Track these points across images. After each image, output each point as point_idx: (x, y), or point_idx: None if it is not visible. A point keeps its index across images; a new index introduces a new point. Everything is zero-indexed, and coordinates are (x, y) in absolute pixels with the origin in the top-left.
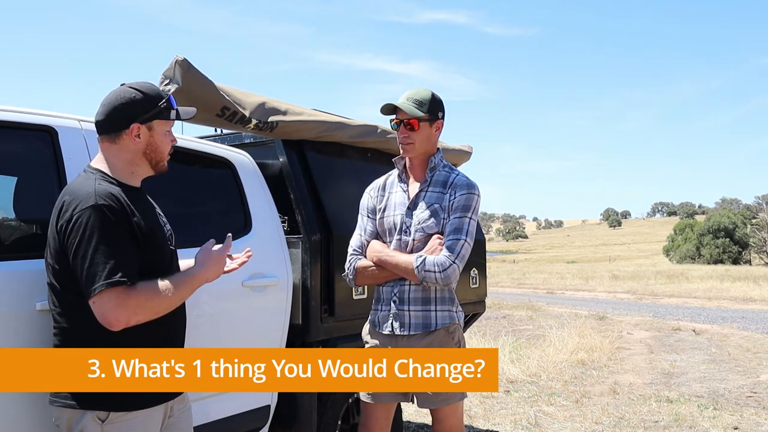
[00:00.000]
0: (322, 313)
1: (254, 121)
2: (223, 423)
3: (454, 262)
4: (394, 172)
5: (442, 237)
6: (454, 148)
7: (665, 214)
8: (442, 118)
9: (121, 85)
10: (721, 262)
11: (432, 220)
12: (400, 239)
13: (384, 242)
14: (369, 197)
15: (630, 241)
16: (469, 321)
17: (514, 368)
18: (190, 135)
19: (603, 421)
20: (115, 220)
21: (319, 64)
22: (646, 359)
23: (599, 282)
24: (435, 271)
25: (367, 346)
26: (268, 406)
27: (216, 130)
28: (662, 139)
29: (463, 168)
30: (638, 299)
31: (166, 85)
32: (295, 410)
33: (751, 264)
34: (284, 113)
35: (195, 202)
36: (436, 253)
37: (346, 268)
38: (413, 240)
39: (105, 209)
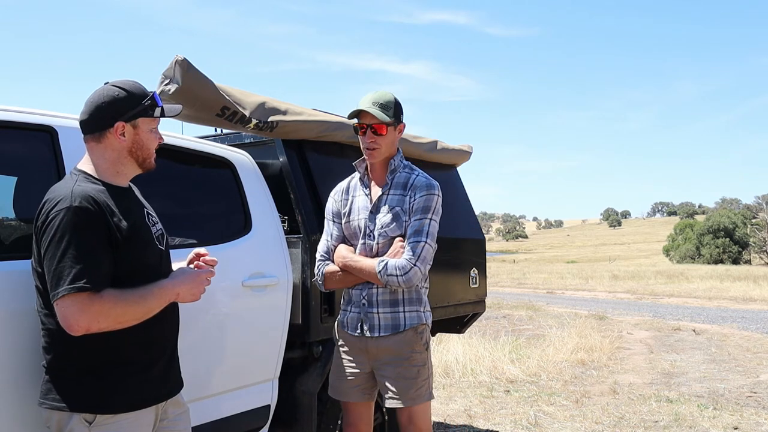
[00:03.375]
0: (322, 313)
1: (254, 121)
2: (223, 423)
3: (415, 265)
4: (356, 175)
5: (404, 240)
6: (454, 148)
7: (665, 214)
8: (403, 120)
9: (105, 83)
10: (721, 262)
11: (394, 224)
12: (365, 243)
13: (351, 245)
14: (333, 201)
15: (630, 241)
16: (469, 321)
17: (514, 368)
18: (190, 135)
19: (603, 421)
20: (88, 223)
21: (320, 64)
22: (646, 359)
23: (599, 282)
24: (397, 275)
25: (338, 344)
26: (268, 406)
27: (216, 130)
28: (662, 139)
29: (463, 168)
30: (638, 299)
31: (166, 85)
32: (295, 410)
33: (751, 264)
34: (284, 113)
35: (195, 202)
36: (398, 257)
37: (315, 274)
38: (377, 244)
39: (79, 211)
